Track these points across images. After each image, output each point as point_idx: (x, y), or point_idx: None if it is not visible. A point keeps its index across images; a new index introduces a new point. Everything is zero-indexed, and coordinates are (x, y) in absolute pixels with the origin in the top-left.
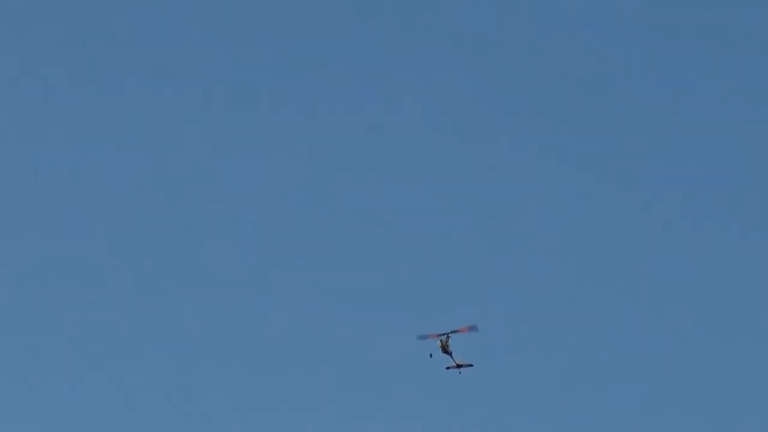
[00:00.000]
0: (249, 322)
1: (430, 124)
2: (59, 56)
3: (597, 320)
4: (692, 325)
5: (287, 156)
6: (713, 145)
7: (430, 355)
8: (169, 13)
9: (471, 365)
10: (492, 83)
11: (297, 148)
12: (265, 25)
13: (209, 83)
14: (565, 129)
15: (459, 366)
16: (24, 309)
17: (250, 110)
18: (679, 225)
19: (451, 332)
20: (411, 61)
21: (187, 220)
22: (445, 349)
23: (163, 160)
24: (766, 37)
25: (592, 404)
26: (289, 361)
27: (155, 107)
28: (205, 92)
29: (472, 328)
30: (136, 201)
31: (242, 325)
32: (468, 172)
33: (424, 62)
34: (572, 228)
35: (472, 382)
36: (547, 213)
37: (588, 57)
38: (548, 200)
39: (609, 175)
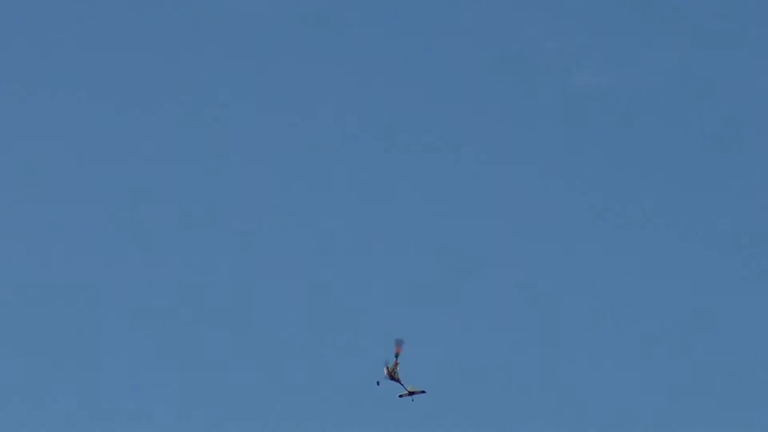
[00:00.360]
0: (244, 324)
1: (428, 124)
2: (58, 56)
3: (585, 324)
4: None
5: (285, 157)
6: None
7: (377, 383)
8: (168, 13)
9: (423, 392)
10: (490, 85)
11: (296, 149)
12: (264, 24)
13: (207, 83)
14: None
15: (411, 393)
16: (21, 309)
17: (248, 111)
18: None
19: (396, 357)
20: (410, 61)
21: (184, 221)
22: (392, 376)
23: (162, 160)
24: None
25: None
26: (286, 363)
27: (154, 107)
28: (203, 92)
29: (400, 342)
30: (134, 201)
31: (238, 326)
32: (465, 173)
33: (422, 62)
34: (559, 234)
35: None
36: (541, 216)
37: (580, 58)
38: (544, 202)
39: (601, 183)
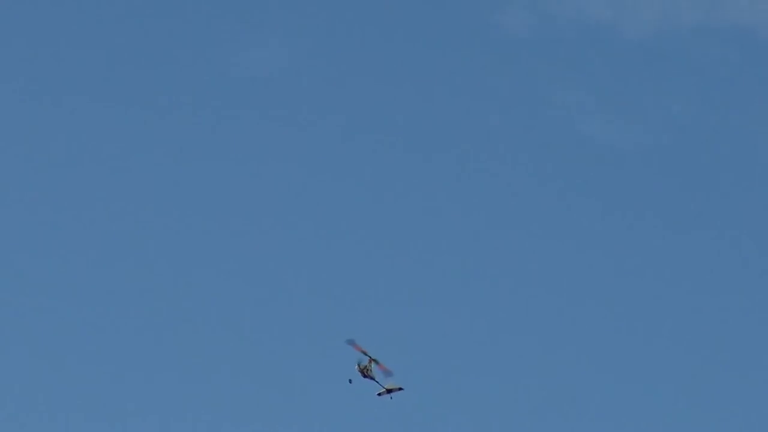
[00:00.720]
0: (242, 323)
1: (433, 163)
2: (58, 57)
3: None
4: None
5: (285, 156)
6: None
7: (350, 381)
8: (167, 15)
9: (401, 389)
10: (498, 134)
11: (296, 149)
12: (263, 25)
13: (205, 84)
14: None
15: (389, 391)
16: (22, 308)
17: (246, 111)
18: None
19: (374, 360)
20: (405, 62)
21: (183, 220)
22: (366, 374)
23: (162, 159)
24: None
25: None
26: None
27: (152, 108)
28: (200, 93)
29: (388, 374)
30: (135, 200)
31: (236, 326)
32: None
33: (417, 62)
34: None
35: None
36: (535, 218)
37: (587, 110)
38: (536, 204)
39: (597, 188)
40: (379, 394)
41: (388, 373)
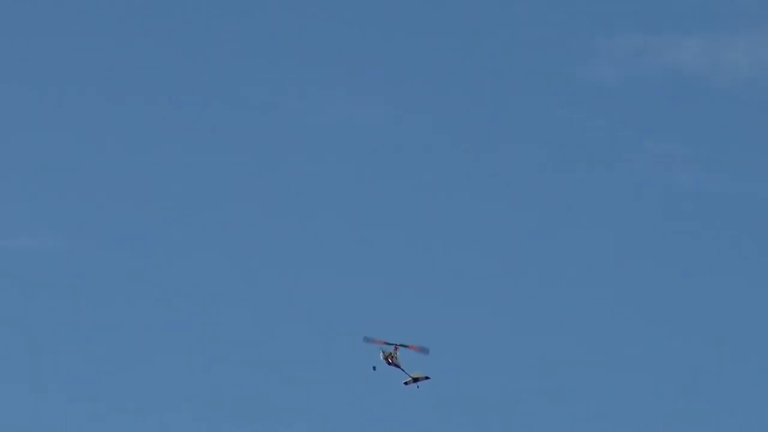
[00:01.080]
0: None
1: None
2: (58, 57)
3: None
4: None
5: (287, 154)
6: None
7: (374, 368)
8: (168, 15)
9: (427, 377)
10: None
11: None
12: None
13: (203, 85)
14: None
15: (416, 380)
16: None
17: (245, 110)
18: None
19: (400, 345)
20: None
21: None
22: (391, 361)
23: (164, 157)
24: None
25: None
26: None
27: (151, 108)
28: (198, 94)
29: (423, 350)
30: (137, 198)
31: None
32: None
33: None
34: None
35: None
36: (539, 216)
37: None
38: (539, 202)
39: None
40: (406, 383)
41: (424, 351)
